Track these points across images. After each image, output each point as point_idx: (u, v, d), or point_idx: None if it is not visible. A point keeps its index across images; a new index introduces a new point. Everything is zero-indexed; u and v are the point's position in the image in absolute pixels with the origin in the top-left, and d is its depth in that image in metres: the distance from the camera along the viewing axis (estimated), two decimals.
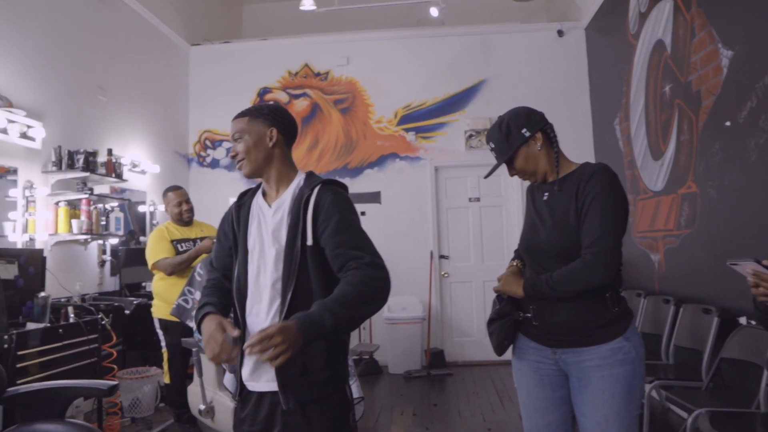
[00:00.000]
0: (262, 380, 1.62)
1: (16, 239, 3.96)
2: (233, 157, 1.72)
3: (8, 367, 2.85)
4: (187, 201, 3.99)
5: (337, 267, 1.57)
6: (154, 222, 5.66)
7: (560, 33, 6.40)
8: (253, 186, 1.82)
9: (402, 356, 5.85)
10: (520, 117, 1.91)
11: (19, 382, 2.98)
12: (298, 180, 1.73)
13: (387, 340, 5.88)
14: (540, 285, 1.81)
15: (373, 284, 1.51)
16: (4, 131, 3.80)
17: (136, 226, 5.42)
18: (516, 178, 2.02)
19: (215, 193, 6.33)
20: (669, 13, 4.22)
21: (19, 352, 3.15)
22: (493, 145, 1.94)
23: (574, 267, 1.76)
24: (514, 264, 2.04)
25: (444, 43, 6.57)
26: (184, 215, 3.95)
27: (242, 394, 1.69)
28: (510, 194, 6.33)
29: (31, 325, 3.40)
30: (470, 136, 6.35)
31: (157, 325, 3.83)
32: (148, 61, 5.92)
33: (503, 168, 1.97)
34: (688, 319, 3.63)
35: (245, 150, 1.69)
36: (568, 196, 1.83)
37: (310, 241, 1.59)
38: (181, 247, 3.80)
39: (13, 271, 3.62)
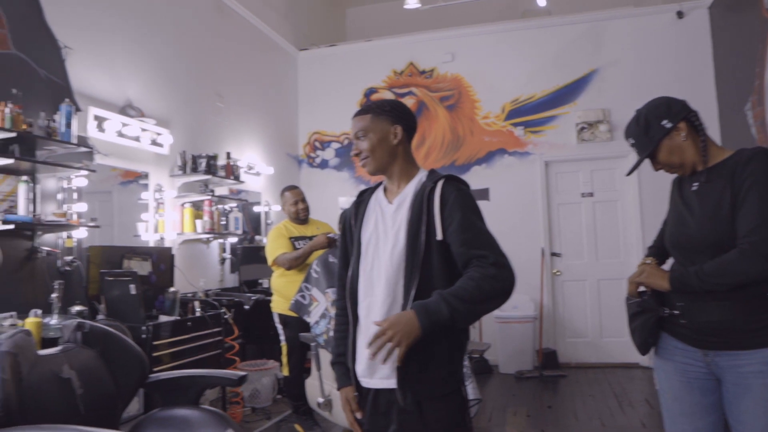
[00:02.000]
0: (376, 377, 1.61)
1: (148, 238, 4.27)
2: (356, 155, 1.72)
3: (146, 356, 3.06)
4: (303, 200, 4.11)
5: (461, 264, 1.56)
6: (269, 222, 5.91)
7: (680, 14, 5.97)
8: (371, 185, 1.83)
9: (513, 356, 5.72)
10: (658, 108, 1.77)
11: (154, 370, 3.20)
12: (420, 176, 1.71)
13: (498, 339, 5.77)
14: (689, 278, 1.67)
15: (493, 282, 1.48)
16: (137, 139, 4.11)
17: (250, 226, 5.67)
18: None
19: (324, 193, 6.51)
20: None
21: (154, 343, 3.39)
22: (632, 141, 1.82)
23: (728, 258, 1.60)
24: (650, 261, 1.88)
25: (551, 34, 6.34)
26: (300, 214, 4.07)
27: (357, 390, 1.69)
28: (626, 188, 5.98)
29: (162, 318, 3.65)
30: (582, 128, 6.09)
31: (276, 319, 3.97)
32: (260, 68, 6.19)
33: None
34: None
35: (370, 148, 1.68)
36: (721, 185, 1.67)
37: (439, 236, 1.57)
38: (298, 244, 3.92)
39: (147, 268, 3.90)
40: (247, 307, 4.44)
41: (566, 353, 6.00)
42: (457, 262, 1.56)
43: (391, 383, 1.56)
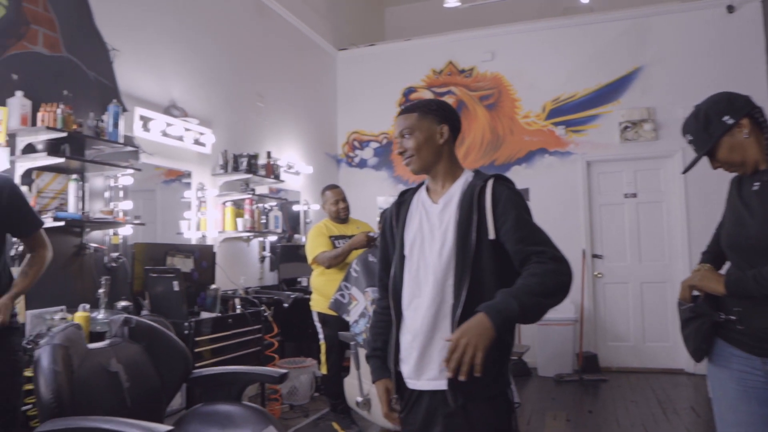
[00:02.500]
0: (423, 378, 1.60)
1: (191, 236, 4.35)
2: (400, 153, 1.71)
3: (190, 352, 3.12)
4: (344, 199, 4.12)
5: (518, 262, 1.54)
6: (308, 221, 5.95)
7: (730, 9, 5.78)
8: (410, 184, 1.83)
9: (552, 359, 5.63)
10: (719, 104, 1.70)
11: (196, 365, 3.26)
12: (466, 176, 1.70)
13: (537, 342, 5.69)
14: (746, 281, 1.60)
15: (555, 276, 1.47)
16: (181, 139, 4.19)
17: (289, 225, 5.72)
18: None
19: (363, 192, 6.52)
20: None
21: (196, 339, 3.45)
22: (690, 138, 1.75)
23: None
24: (705, 267, 1.80)
25: (594, 31, 6.22)
26: (341, 213, 4.08)
27: (400, 391, 1.68)
28: (671, 189, 5.82)
29: (204, 315, 3.71)
30: (625, 128, 5.95)
31: (315, 318, 4.00)
32: (299, 68, 6.24)
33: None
34: None
35: (415, 147, 1.67)
36: None
37: (492, 235, 1.56)
38: (338, 243, 3.93)
39: (189, 265, 3.98)
40: (286, 305, 4.48)
41: (607, 357, 5.88)
42: (514, 260, 1.55)
43: (438, 384, 1.55)
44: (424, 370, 1.59)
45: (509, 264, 1.58)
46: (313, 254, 3.92)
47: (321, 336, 3.99)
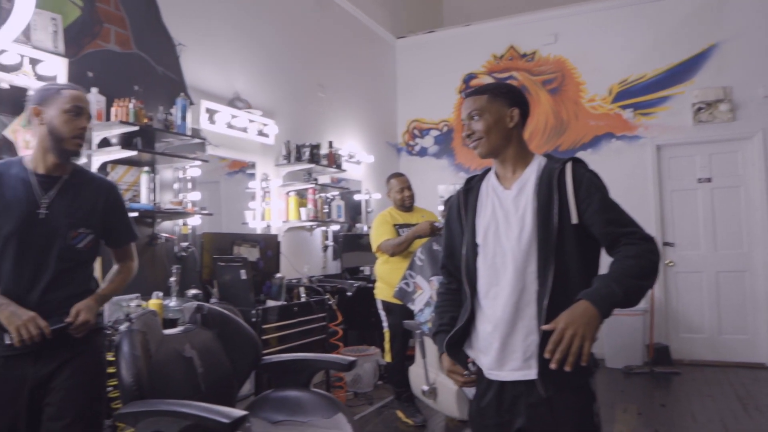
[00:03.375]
0: (506, 369, 1.56)
1: (256, 226, 4.43)
2: (468, 135, 1.67)
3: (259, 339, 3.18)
4: (409, 187, 4.09)
5: (607, 244, 1.52)
6: (369, 210, 5.97)
7: None
8: (471, 172, 1.79)
9: (621, 350, 5.44)
10: None
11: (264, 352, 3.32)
12: (539, 160, 1.66)
13: (604, 332, 5.50)
14: None
15: (650, 257, 1.46)
16: (245, 130, 4.26)
17: (349, 214, 5.73)
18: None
19: (424, 181, 6.45)
20: None
21: (263, 326, 3.51)
22: None
23: None
24: None
25: (664, 8, 5.91)
26: (406, 201, 4.06)
27: (479, 382, 1.65)
28: (750, 172, 5.49)
29: (270, 303, 3.78)
30: (699, 109, 5.65)
31: (379, 306, 4.00)
32: (359, 57, 6.24)
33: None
34: None
35: (485, 129, 1.63)
36: None
37: (575, 219, 1.52)
38: (402, 232, 3.91)
39: (255, 254, 4.06)
40: (349, 293, 4.51)
41: (680, 349, 5.64)
42: (602, 243, 1.54)
43: (523, 375, 1.52)
44: (507, 360, 1.56)
45: (592, 248, 1.55)
46: (377, 242, 3.91)
47: (385, 324, 3.99)
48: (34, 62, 2.78)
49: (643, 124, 5.90)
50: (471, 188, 1.74)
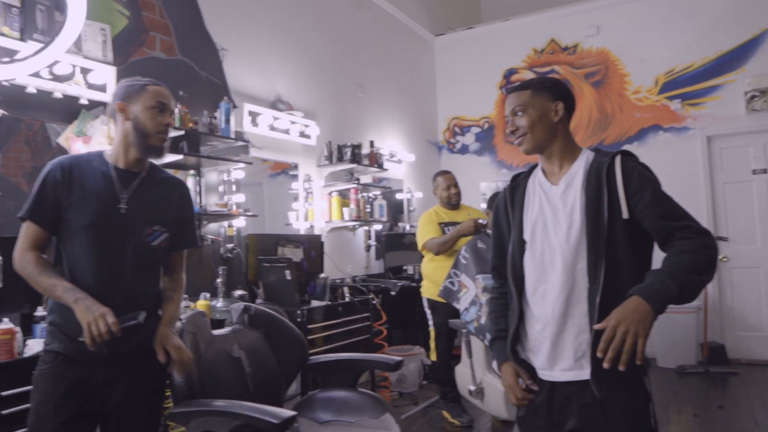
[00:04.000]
0: (557, 369, 1.53)
1: (299, 226, 4.47)
2: (512, 132, 1.64)
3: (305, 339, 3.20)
4: (455, 185, 4.06)
5: (660, 239, 1.47)
6: (411, 209, 5.95)
7: None
8: (513, 169, 1.75)
9: (673, 349, 5.28)
10: None
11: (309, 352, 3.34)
12: (586, 155, 1.61)
13: (655, 330, 5.27)
14: None
15: (707, 251, 1.40)
16: (287, 132, 4.31)
17: (391, 214, 5.71)
18: None
19: (465, 179, 6.34)
20: None
21: (308, 326, 3.53)
22: None
23: None
24: None
25: None
26: (452, 198, 4.03)
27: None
28: None
29: (314, 303, 3.80)
30: (752, 97, 5.44)
31: (425, 304, 3.97)
32: (398, 56, 6.23)
33: None
34: None
35: (529, 124, 1.60)
36: None
37: (626, 214, 1.47)
38: (448, 230, 3.88)
39: (299, 255, 4.09)
40: (393, 293, 4.50)
41: (737, 348, 5.43)
42: (655, 237, 1.48)
43: (576, 375, 1.48)
44: (558, 360, 1.53)
45: (644, 243, 1.50)
46: (423, 240, 3.89)
47: (430, 322, 3.96)
48: (84, 71, 2.86)
49: (691, 115, 5.71)
50: (517, 185, 1.71)
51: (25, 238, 1.73)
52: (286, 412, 1.64)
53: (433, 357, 3.96)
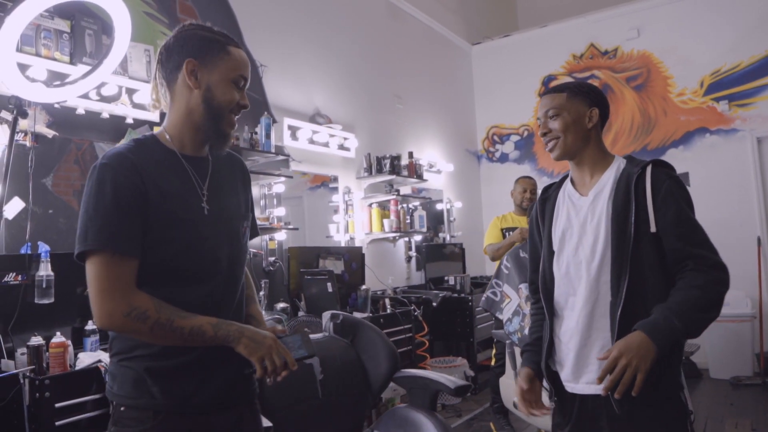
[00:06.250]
0: (582, 382, 1.50)
1: (340, 239, 4.49)
2: (544, 134, 1.60)
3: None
4: (532, 191, 4.08)
5: (673, 260, 1.42)
6: (451, 219, 5.91)
7: None
8: (555, 178, 1.72)
9: (727, 359, 5.08)
10: None
11: None
12: (618, 163, 1.57)
13: (707, 340, 5.16)
14: None
15: (718, 288, 1.38)
16: (326, 145, 4.34)
17: (431, 224, 5.67)
18: None
19: (505, 188, 6.28)
20: None
21: None
22: None
23: None
24: None
25: None
26: (524, 203, 4.07)
27: (560, 394, 1.58)
28: None
29: (356, 314, 3.79)
30: None
31: None
32: (435, 66, 6.23)
33: None
34: None
35: (562, 128, 1.56)
36: None
37: (653, 228, 1.43)
38: (509, 234, 3.91)
39: (340, 267, 4.10)
40: (434, 304, 4.47)
41: None
42: (668, 258, 1.43)
43: (597, 389, 1.43)
44: (582, 372, 1.50)
45: None
46: (485, 245, 4.08)
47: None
48: (130, 92, 2.95)
49: (740, 116, 5.53)
50: (548, 197, 1.69)
51: (112, 280, 1.17)
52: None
53: (493, 362, 3.91)
